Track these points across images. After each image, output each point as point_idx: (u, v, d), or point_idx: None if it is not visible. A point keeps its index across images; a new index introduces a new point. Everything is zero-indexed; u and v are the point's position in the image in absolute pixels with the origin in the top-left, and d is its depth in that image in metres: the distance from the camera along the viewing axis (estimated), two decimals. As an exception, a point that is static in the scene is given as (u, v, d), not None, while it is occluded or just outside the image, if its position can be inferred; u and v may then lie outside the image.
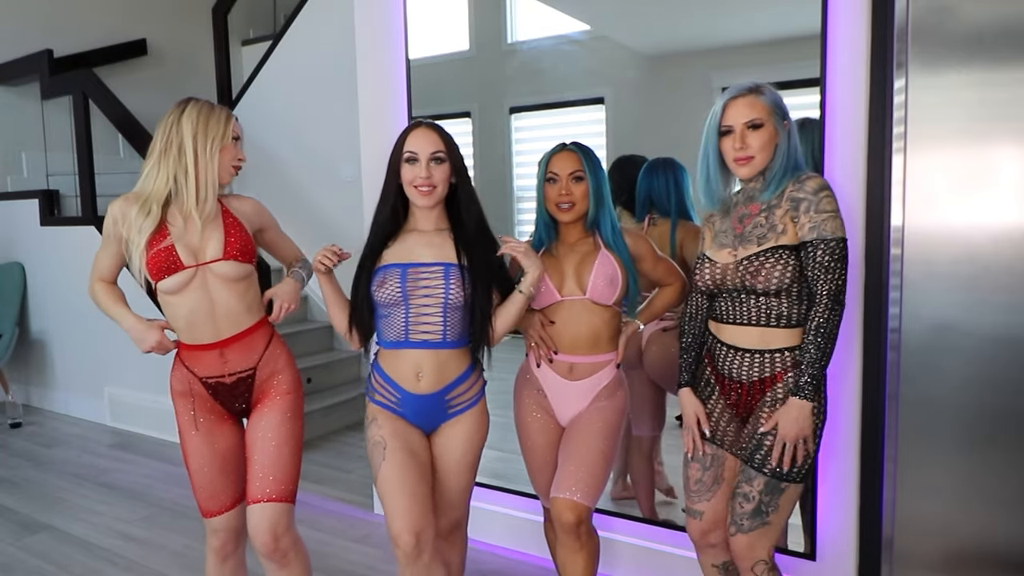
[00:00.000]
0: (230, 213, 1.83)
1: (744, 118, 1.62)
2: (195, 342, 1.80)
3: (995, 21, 1.78)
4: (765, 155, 1.63)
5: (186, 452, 1.86)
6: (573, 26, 2.64)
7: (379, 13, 2.80)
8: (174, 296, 1.76)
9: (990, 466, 1.91)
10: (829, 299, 1.56)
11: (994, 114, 1.81)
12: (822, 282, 1.55)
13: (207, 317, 1.77)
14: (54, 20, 5.21)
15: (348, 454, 3.90)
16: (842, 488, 2.13)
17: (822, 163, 2.02)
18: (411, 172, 1.72)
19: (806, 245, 1.57)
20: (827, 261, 1.55)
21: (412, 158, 1.71)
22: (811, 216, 1.56)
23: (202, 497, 1.86)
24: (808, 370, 1.57)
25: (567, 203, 1.83)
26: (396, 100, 2.79)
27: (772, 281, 1.59)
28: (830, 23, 1.98)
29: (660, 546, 2.41)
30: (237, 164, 1.81)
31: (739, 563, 1.68)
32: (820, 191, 1.57)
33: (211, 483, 1.85)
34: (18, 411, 4.58)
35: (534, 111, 2.82)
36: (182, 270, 1.73)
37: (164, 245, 1.72)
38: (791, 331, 1.63)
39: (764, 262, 1.60)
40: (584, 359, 1.87)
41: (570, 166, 1.83)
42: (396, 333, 1.74)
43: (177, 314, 1.78)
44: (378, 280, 1.72)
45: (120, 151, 5.44)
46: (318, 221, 4.85)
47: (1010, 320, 1.84)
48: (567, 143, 1.89)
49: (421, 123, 1.77)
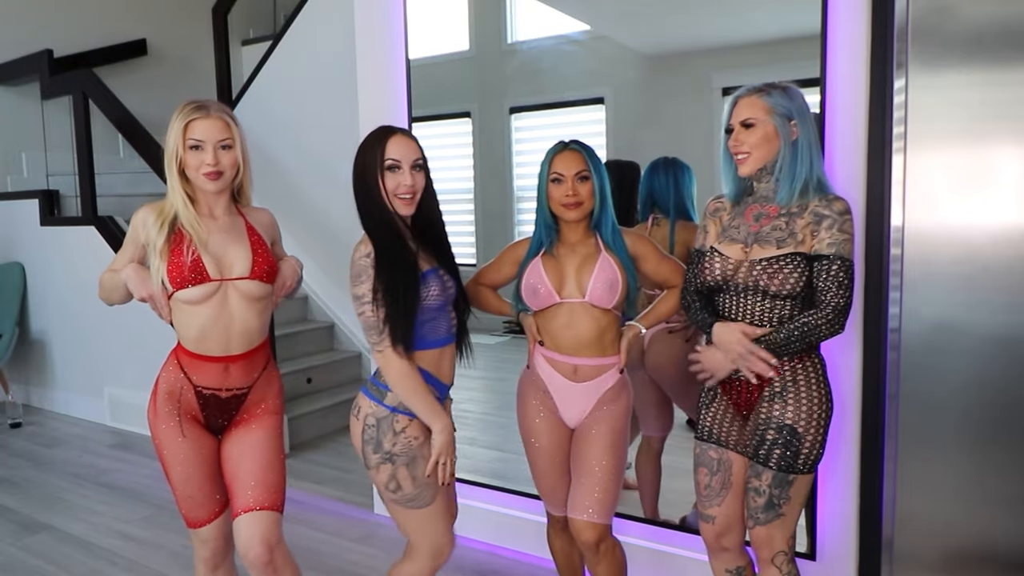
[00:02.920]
0: (254, 230, 1.81)
1: (739, 117, 1.67)
2: (202, 352, 1.75)
3: (995, 21, 1.79)
4: (762, 153, 1.66)
5: (169, 462, 1.78)
6: (573, 26, 2.64)
7: (379, 13, 2.80)
8: (192, 306, 1.72)
9: (990, 466, 1.91)
10: (834, 311, 1.59)
11: (994, 114, 1.81)
12: (833, 294, 1.59)
13: (222, 331, 1.74)
14: (54, 20, 5.21)
15: (348, 454, 3.90)
16: (842, 488, 2.13)
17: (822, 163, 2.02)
18: (393, 180, 1.66)
19: (822, 258, 1.61)
20: (842, 277, 1.59)
21: (395, 166, 1.66)
22: (833, 234, 1.61)
23: (189, 507, 1.80)
24: (776, 336, 1.61)
25: (574, 203, 1.82)
26: (396, 100, 2.79)
27: (787, 285, 1.63)
28: (830, 23, 1.98)
29: (661, 546, 2.41)
30: (207, 172, 1.70)
31: (759, 554, 1.71)
32: (845, 214, 1.62)
33: (199, 490, 1.79)
34: (18, 411, 4.58)
35: (534, 111, 2.82)
36: (207, 282, 1.70)
37: (192, 255, 1.69)
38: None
39: (784, 266, 1.63)
40: (588, 361, 1.87)
41: (575, 166, 1.82)
42: (443, 331, 1.75)
43: (190, 323, 1.73)
44: (432, 286, 1.68)
45: (120, 151, 5.43)
46: (318, 221, 4.85)
47: (1010, 320, 1.84)
48: (568, 142, 1.88)
49: (396, 130, 1.71)
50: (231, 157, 1.73)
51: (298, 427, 4.04)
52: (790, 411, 1.63)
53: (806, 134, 1.65)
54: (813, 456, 1.64)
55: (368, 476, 1.78)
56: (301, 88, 4.85)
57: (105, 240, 4.34)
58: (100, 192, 4.49)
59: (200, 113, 1.69)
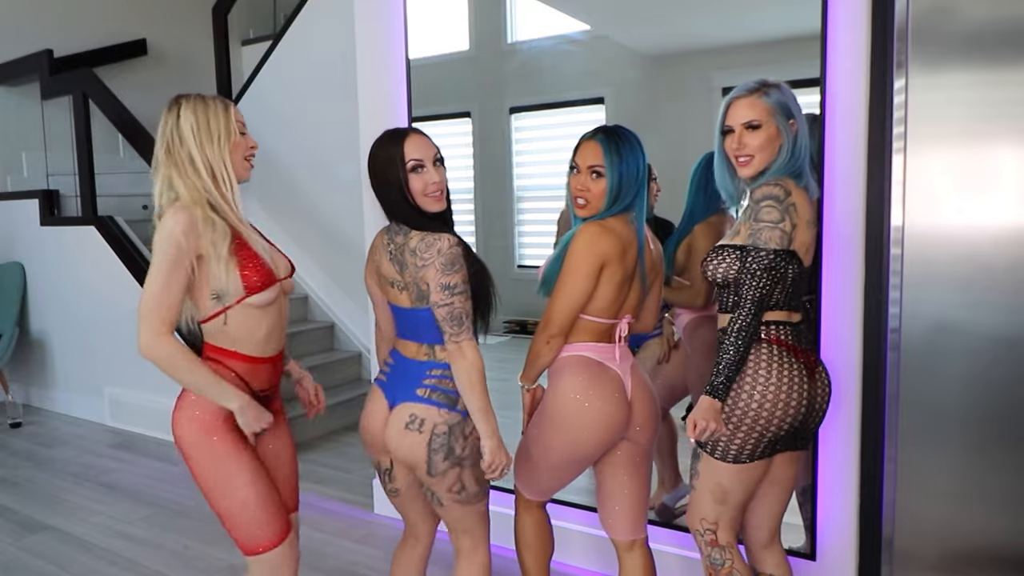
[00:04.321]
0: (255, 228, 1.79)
1: (743, 119, 1.65)
2: (265, 354, 1.67)
3: (995, 21, 1.78)
4: (766, 155, 1.65)
5: (240, 481, 1.58)
6: (573, 26, 2.64)
7: (379, 13, 2.80)
8: (262, 309, 1.62)
9: (990, 466, 1.91)
10: (752, 304, 1.59)
11: (994, 114, 1.81)
12: (747, 287, 1.59)
13: (281, 330, 1.71)
14: (54, 20, 5.21)
15: (348, 454, 3.90)
16: (842, 488, 2.13)
17: (822, 163, 2.02)
18: (420, 181, 1.63)
19: (741, 250, 1.64)
20: (754, 268, 1.59)
21: (418, 166, 1.64)
22: (751, 223, 1.62)
23: (272, 520, 1.62)
24: (724, 371, 1.60)
25: (582, 199, 1.75)
26: (396, 100, 2.79)
27: (718, 274, 1.68)
28: (830, 23, 1.98)
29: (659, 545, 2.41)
30: (249, 155, 1.66)
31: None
32: (763, 200, 1.60)
33: (276, 500, 1.65)
34: (18, 411, 4.58)
35: (534, 111, 2.82)
36: (275, 283, 1.64)
37: (261, 258, 1.61)
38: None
39: (715, 256, 1.69)
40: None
41: (591, 159, 1.72)
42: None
43: (259, 326, 1.63)
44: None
45: (120, 151, 5.43)
46: (318, 221, 4.85)
47: (1010, 320, 1.84)
48: (596, 130, 1.76)
49: (409, 130, 1.68)
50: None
51: (298, 427, 4.04)
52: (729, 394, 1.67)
53: (801, 132, 1.66)
54: (723, 445, 1.65)
55: (430, 482, 1.69)
56: (301, 88, 4.85)
57: (105, 240, 4.34)
58: (100, 192, 4.49)
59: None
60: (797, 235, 1.61)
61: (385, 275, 1.72)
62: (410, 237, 1.64)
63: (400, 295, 1.70)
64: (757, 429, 1.63)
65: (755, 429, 1.63)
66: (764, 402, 1.61)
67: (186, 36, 5.87)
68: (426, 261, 1.60)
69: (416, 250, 1.62)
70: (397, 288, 1.70)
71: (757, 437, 1.63)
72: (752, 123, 1.64)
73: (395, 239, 1.69)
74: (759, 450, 1.65)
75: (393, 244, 1.69)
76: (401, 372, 1.73)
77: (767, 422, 1.62)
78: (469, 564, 1.80)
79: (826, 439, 2.13)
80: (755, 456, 1.65)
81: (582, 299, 1.71)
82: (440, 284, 1.58)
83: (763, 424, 1.62)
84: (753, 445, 1.64)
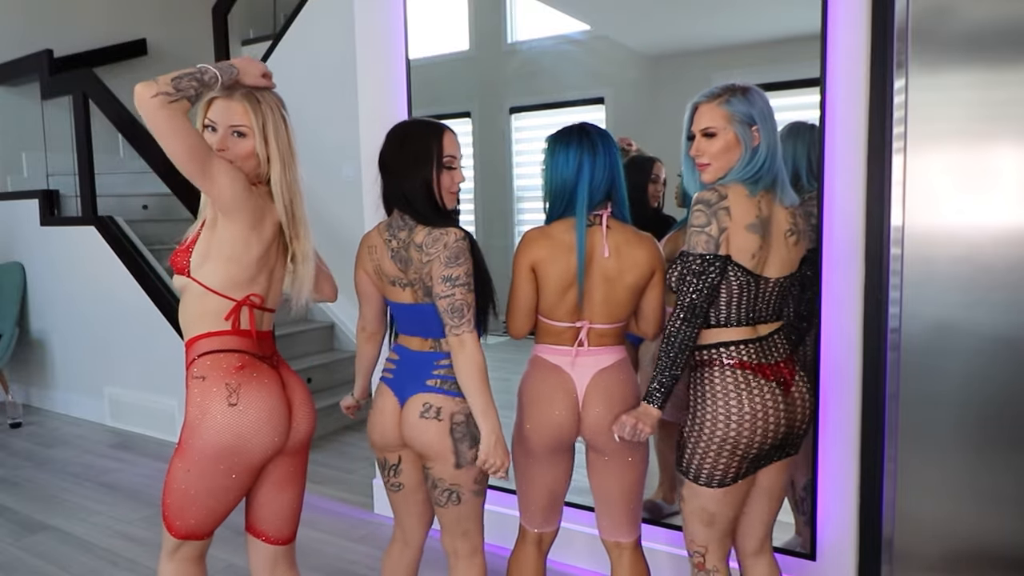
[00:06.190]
0: None
1: (700, 126, 1.64)
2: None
3: (995, 21, 1.78)
4: (723, 162, 1.63)
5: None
6: (573, 26, 2.64)
7: (379, 13, 2.80)
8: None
9: (990, 466, 1.91)
10: (682, 310, 1.58)
11: (994, 114, 1.81)
12: (678, 293, 1.60)
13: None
14: (54, 20, 5.21)
15: (348, 454, 3.90)
16: (842, 488, 2.13)
17: (822, 163, 2.02)
18: (450, 178, 1.68)
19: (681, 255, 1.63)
20: (683, 273, 1.59)
21: (451, 164, 1.67)
22: (687, 231, 1.61)
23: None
24: (658, 377, 1.60)
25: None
26: (396, 100, 2.79)
27: (671, 282, 1.65)
28: (830, 23, 1.98)
29: (649, 543, 2.41)
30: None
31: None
32: (695, 205, 1.60)
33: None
34: (18, 411, 4.58)
35: (534, 111, 2.82)
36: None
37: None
38: (706, 330, 1.65)
39: (671, 265, 1.66)
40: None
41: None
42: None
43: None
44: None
45: (120, 151, 5.44)
46: (318, 221, 4.83)
47: (1010, 320, 1.84)
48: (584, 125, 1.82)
49: (445, 126, 1.69)
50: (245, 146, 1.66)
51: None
52: (688, 415, 1.67)
53: (767, 137, 1.62)
54: (694, 466, 1.64)
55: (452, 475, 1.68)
56: (301, 88, 4.85)
57: (105, 240, 4.34)
58: (100, 192, 4.49)
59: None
60: (731, 239, 1.57)
61: (387, 274, 1.71)
62: (415, 232, 1.64)
63: (403, 293, 1.70)
64: (738, 454, 1.61)
65: (735, 455, 1.61)
66: (742, 429, 1.59)
67: (186, 36, 5.88)
68: (431, 255, 1.61)
69: (423, 245, 1.62)
70: (400, 286, 1.70)
71: (739, 461, 1.62)
72: (708, 131, 1.62)
73: (397, 235, 1.68)
74: (742, 471, 1.64)
75: (396, 240, 1.68)
76: (409, 366, 1.72)
77: (747, 447, 1.61)
78: (467, 568, 1.79)
79: (826, 438, 2.13)
80: (739, 477, 1.64)
81: (522, 299, 1.75)
82: (442, 276, 1.59)
83: (743, 449, 1.61)
84: (736, 469, 1.63)
